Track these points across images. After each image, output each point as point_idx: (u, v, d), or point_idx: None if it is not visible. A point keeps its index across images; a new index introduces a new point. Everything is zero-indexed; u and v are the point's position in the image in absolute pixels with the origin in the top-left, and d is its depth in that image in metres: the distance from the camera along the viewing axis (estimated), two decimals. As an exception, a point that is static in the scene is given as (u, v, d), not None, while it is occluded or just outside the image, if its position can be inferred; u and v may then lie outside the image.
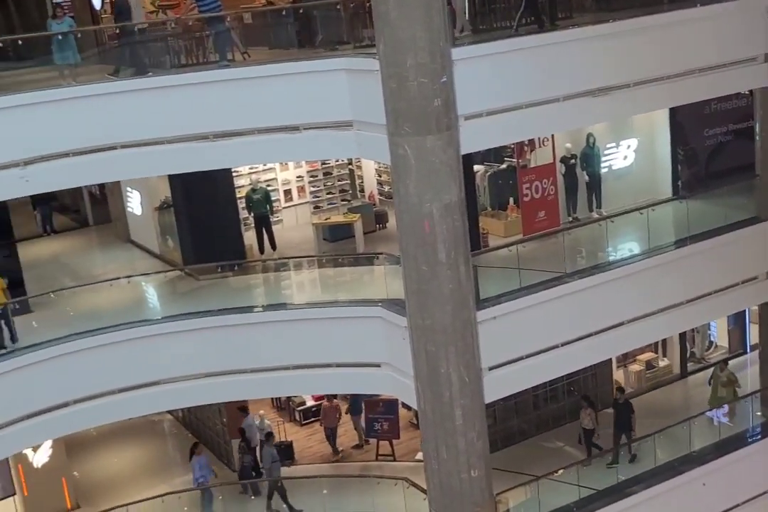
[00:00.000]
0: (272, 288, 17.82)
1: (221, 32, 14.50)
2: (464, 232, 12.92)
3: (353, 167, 22.33)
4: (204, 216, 17.80)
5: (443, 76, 12.04)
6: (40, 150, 13.76)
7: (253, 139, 13.86)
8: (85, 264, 20.68)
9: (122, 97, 13.85)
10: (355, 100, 13.20)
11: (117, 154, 14.09)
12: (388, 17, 11.77)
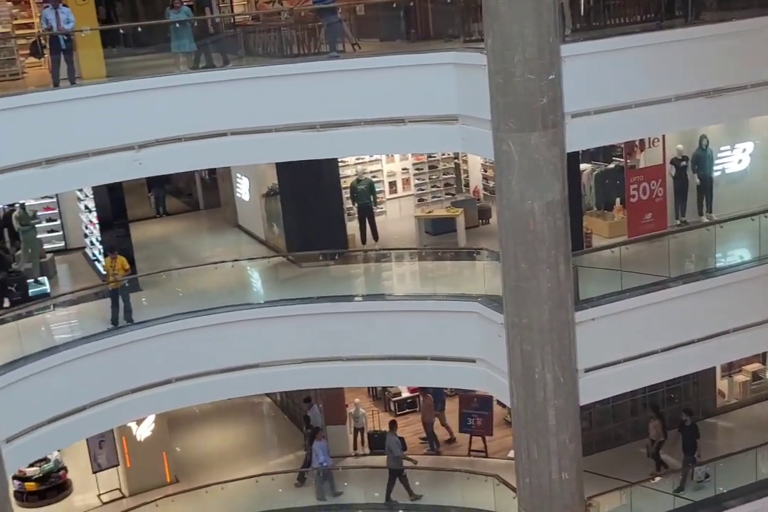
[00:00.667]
0: (372, 279, 17.94)
1: (333, 23, 14.62)
2: (566, 231, 12.75)
3: (459, 161, 22.26)
4: (309, 204, 18.02)
5: (551, 72, 11.89)
6: (154, 134, 14.14)
7: (359, 130, 13.95)
8: (193, 246, 21.24)
9: (234, 85, 14.13)
10: (462, 95, 13.15)
11: (227, 141, 14.37)
12: (497, 12, 11.68)
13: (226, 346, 15.51)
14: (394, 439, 18.31)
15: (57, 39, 14.11)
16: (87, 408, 14.60)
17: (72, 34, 14.20)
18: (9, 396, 13.15)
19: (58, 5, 14.31)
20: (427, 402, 20.32)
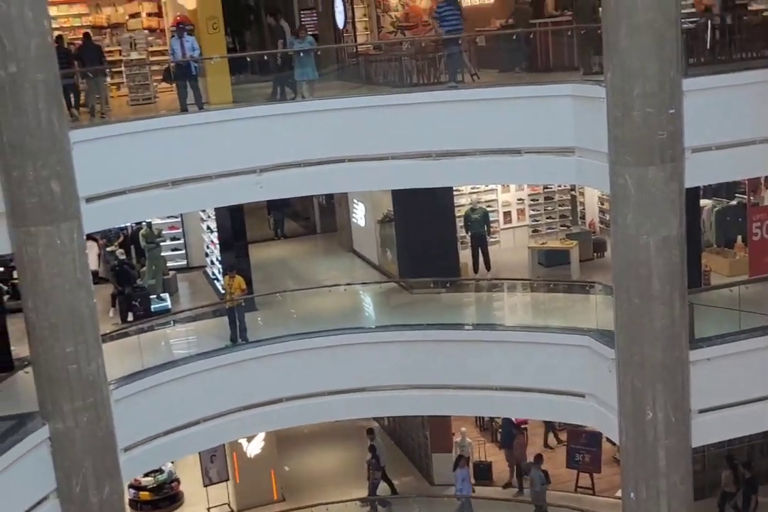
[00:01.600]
0: (483, 308, 17.89)
1: (454, 54, 14.75)
2: (682, 268, 12.47)
3: (575, 193, 22.07)
4: (423, 231, 18.13)
5: (671, 106, 11.71)
6: (275, 159, 14.49)
7: (475, 160, 14.01)
8: (309, 269, 21.61)
9: (352, 113, 14.39)
10: (579, 127, 13.08)
11: (344, 167, 14.62)
12: (617, 46, 11.60)
13: (336, 369, 15.68)
14: (539, 473, 18.26)
15: (184, 66, 14.72)
16: (201, 422, 14.95)
17: (198, 62, 14.79)
18: (129, 407, 13.58)
19: (183, 34, 15.04)
20: (521, 440, 20.08)
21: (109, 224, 16.00)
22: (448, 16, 14.67)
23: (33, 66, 11.23)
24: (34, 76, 11.26)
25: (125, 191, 13.38)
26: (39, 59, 11.27)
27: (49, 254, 11.78)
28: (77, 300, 12.05)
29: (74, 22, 19.56)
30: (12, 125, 11.39)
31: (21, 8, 11.04)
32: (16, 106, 11.30)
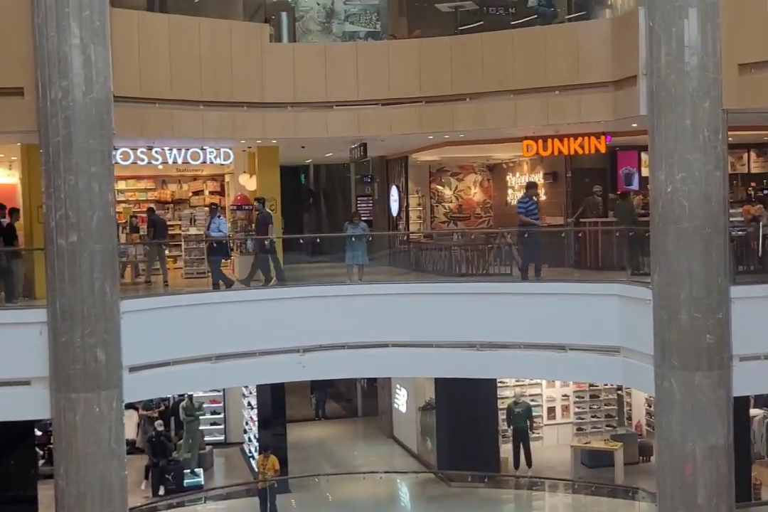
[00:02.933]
0: (523, 507, 17.25)
1: (536, 245, 14.92)
2: (730, 479, 11.96)
3: (622, 392, 21.64)
4: (464, 422, 17.83)
5: (719, 312, 11.64)
6: (320, 340, 14.53)
7: (519, 354, 13.90)
8: (347, 453, 21.23)
9: (400, 299, 14.50)
10: (625, 327, 12.99)
11: (388, 352, 14.58)
12: (665, 249, 11.70)
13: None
14: None
15: (216, 245, 15.36)
16: None
17: (224, 241, 15.52)
18: None
19: (215, 215, 15.85)
20: None
21: (150, 395, 16.00)
22: (533, 210, 15.07)
23: (93, 236, 11.61)
24: (92, 247, 11.62)
25: (169, 363, 13.43)
26: (99, 230, 11.67)
27: (87, 421, 11.72)
28: (109, 470, 11.85)
29: (140, 196, 20.44)
30: (65, 292, 11.64)
31: (89, 182, 11.55)
32: (71, 273, 11.60)
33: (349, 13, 16.71)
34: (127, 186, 20.30)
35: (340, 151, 18.58)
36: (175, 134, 14.39)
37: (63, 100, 11.44)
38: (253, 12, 16.06)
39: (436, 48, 15.10)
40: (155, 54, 13.53)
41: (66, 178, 11.49)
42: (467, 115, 14.96)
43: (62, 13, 11.39)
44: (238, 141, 16.36)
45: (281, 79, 14.75)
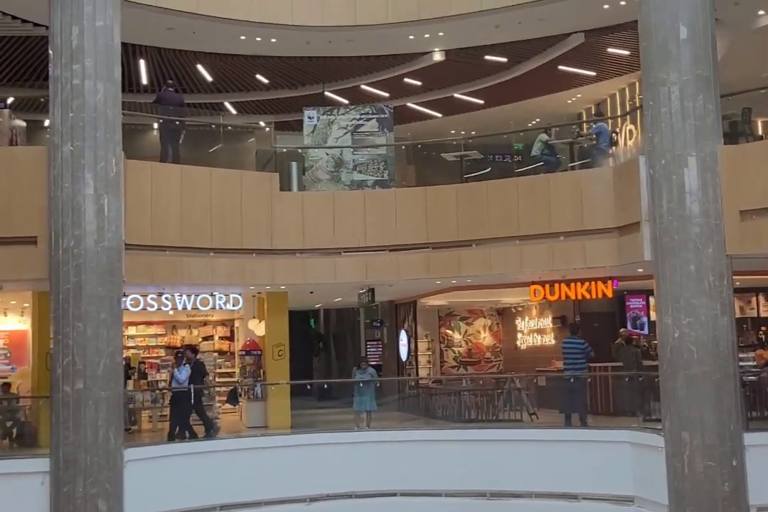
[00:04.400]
0: None
1: (575, 392, 14.76)
2: None
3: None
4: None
5: (733, 459, 11.38)
6: (327, 488, 14.21)
7: (530, 503, 13.57)
8: None
9: (408, 446, 14.28)
10: (638, 476, 12.70)
11: (396, 502, 14.26)
12: (675, 394, 11.56)
13: None
14: None
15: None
16: None
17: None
18: None
19: (180, 364, 15.15)
20: None
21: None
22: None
23: (99, 383, 11.56)
24: (98, 394, 11.55)
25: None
26: (105, 377, 11.63)
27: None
28: None
29: (150, 342, 20.49)
30: (69, 440, 11.49)
31: (97, 329, 11.60)
32: (76, 421, 11.48)
33: (358, 163, 17.18)
34: (138, 331, 20.38)
35: (348, 296, 18.72)
36: (185, 281, 14.57)
37: (75, 248, 11.66)
38: (265, 162, 16.55)
39: (442, 195, 15.47)
40: (167, 202, 13.87)
41: (74, 324, 11.56)
42: (473, 261, 15.14)
43: (78, 165, 11.76)
44: (248, 287, 16.52)
45: (290, 226, 15.06)
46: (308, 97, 19.93)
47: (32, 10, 13.87)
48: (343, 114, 17.38)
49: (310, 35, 16.14)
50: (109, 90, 11.95)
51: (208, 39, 16.05)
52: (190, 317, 20.16)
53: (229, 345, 20.37)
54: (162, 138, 15.41)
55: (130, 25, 12.81)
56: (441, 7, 15.40)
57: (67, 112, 11.76)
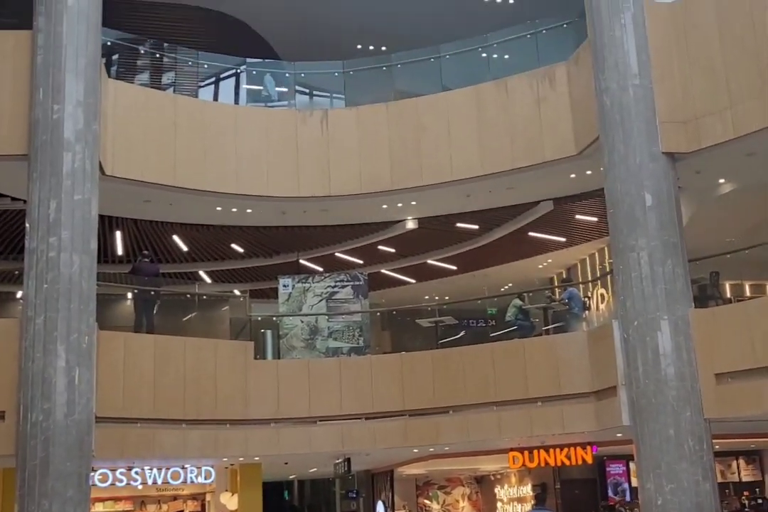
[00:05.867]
0: None
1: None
2: None
3: None
4: None
5: None
6: None
7: None
8: None
9: None
10: None
11: None
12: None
13: None
14: None
15: None
16: None
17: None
18: None
19: None
20: None
21: None
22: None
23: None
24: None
25: None
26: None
27: None
28: None
29: (118, 518, 19.64)
30: None
31: (63, 507, 11.09)
32: None
33: (333, 330, 17.20)
34: (105, 508, 19.53)
35: (324, 465, 18.23)
36: (156, 454, 14.15)
37: (44, 422, 11.32)
38: (240, 330, 16.51)
39: (418, 361, 15.40)
40: (140, 373, 13.68)
41: (40, 502, 11.05)
42: (451, 428, 14.89)
43: (50, 337, 11.61)
44: (220, 459, 16.06)
45: (265, 394, 14.84)
46: (283, 265, 20.19)
47: (10, 185, 14.13)
48: (318, 281, 17.56)
49: (286, 205, 16.44)
50: (85, 262, 11.99)
51: (184, 210, 16.33)
52: (160, 491, 19.43)
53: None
54: (137, 308, 15.41)
55: (108, 198, 13.04)
56: (413, 177, 15.81)
57: (41, 284, 11.73)
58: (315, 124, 16.33)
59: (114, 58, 16.14)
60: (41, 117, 12.03)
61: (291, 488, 27.17)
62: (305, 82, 17.96)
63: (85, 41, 12.14)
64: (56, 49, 11.96)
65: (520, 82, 15.27)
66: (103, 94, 12.87)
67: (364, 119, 16.38)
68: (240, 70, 17.32)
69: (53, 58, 11.96)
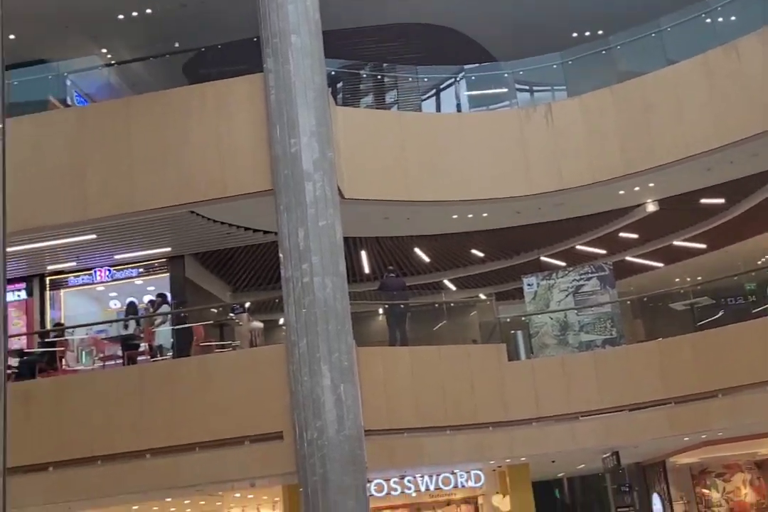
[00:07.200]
0: None
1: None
2: None
3: None
4: None
5: None
6: None
7: None
8: None
9: None
10: None
11: None
12: None
13: None
14: None
15: None
16: None
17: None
18: None
19: None
20: None
21: None
22: None
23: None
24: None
25: None
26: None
27: None
28: None
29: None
30: None
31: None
32: None
33: (584, 323, 17.01)
34: (383, 524, 20.31)
35: (592, 461, 18.04)
36: (424, 461, 14.57)
37: (318, 439, 11.92)
38: (489, 333, 16.68)
39: (677, 347, 15.01)
40: (400, 385, 14.17)
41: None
42: (721, 412, 14.41)
43: (314, 359, 12.21)
44: (487, 461, 16.29)
45: (523, 394, 14.93)
46: (525, 265, 20.18)
47: (260, 220, 15.01)
48: (562, 277, 17.41)
49: (519, 205, 16.47)
50: (337, 284, 12.52)
51: (421, 222, 16.72)
52: (433, 498, 19.90)
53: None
54: (389, 322, 15.93)
55: (350, 220, 13.59)
56: (646, 158, 15.42)
57: (300, 309, 12.36)
58: (539, 119, 16.27)
59: (338, 85, 16.78)
60: (281, 152, 12.68)
61: (561, 486, 27.04)
62: (524, 79, 17.89)
63: (311, 74, 12.64)
64: (286, 87, 12.51)
65: (750, 44, 14.52)
66: (332, 122, 13.42)
67: (589, 107, 16.16)
68: (459, 77, 17.52)
69: (285, 96, 12.51)
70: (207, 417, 12.92)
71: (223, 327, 15.49)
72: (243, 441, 12.80)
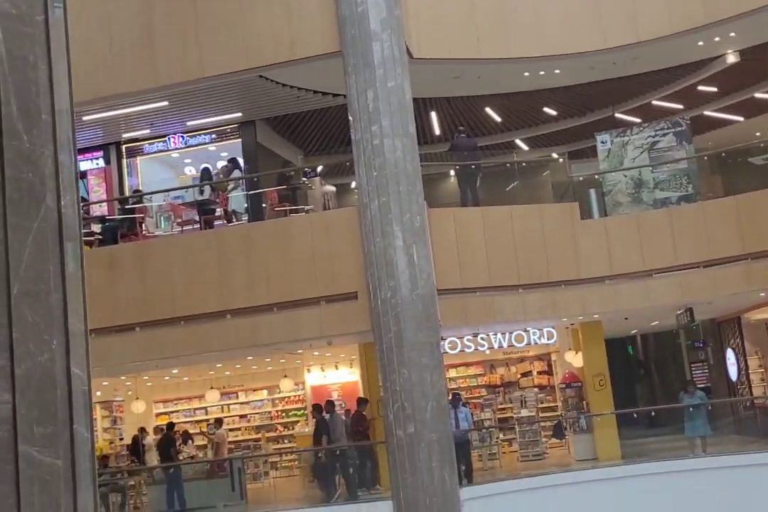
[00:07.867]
0: None
1: None
2: None
3: None
4: None
5: None
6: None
7: None
8: None
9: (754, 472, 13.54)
10: None
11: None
12: None
13: None
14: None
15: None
16: None
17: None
18: None
19: (458, 405, 15.30)
20: None
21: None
22: None
23: (428, 426, 11.99)
24: (429, 436, 11.98)
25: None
26: (434, 419, 12.04)
27: None
28: None
29: (471, 382, 20.90)
30: (407, 483, 11.99)
31: (420, 374, 12.06)
32: (412, 464, 11.96)
33: (659, 181, 16.72)
34: (458, 373, 20.87)
35: (665, 318, 18.14)
36: (497, 319, 14.82)
37: (392, 298, 12.25)
38: (562, 193, 16.55)
39: (756, 202, 14.74)
40: (472, 245, 14.25)
41: (400, 371, 12.09)
42: (801, 265, 14.25)
43: (386, 220, 12.39)
44: (560, 319, 16.50)
45: (596, 253, 14.92)
46: (598, 122, 19.73)
47: (328, 82, 14.88)
48: (637, 133, 17.02)
49: (593, 60, 15.98)
50: (407, 145, 12.52)
51: (492, 81, 16.37)
52: (507, 355, 20.38)
53: (548, 380, 20.35)
54: (460, 183, 15.89)
55: (419, 81, 13.38)
56: (729, 6, 14.72)
57: (371, 172, 12.45)
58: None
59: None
60: (347, 12, 12.45)
61: (634, 343, 27.32)
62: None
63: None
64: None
65: None
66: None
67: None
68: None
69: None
70: (283, 278, 13.28)
71: (296, 191, 15.66)
72: (319, 301, 13.16)
